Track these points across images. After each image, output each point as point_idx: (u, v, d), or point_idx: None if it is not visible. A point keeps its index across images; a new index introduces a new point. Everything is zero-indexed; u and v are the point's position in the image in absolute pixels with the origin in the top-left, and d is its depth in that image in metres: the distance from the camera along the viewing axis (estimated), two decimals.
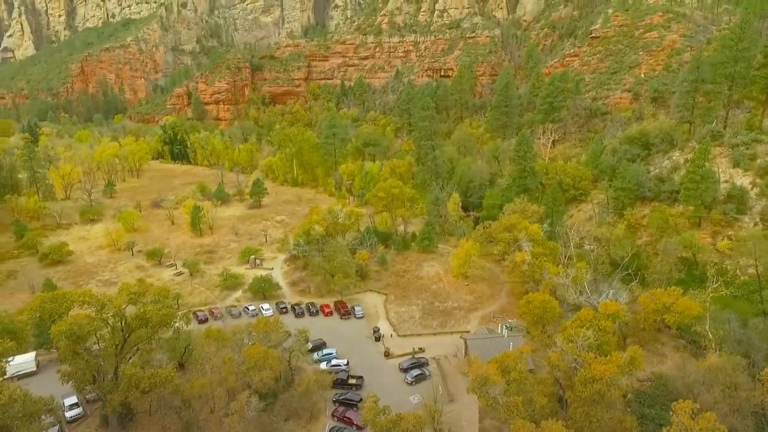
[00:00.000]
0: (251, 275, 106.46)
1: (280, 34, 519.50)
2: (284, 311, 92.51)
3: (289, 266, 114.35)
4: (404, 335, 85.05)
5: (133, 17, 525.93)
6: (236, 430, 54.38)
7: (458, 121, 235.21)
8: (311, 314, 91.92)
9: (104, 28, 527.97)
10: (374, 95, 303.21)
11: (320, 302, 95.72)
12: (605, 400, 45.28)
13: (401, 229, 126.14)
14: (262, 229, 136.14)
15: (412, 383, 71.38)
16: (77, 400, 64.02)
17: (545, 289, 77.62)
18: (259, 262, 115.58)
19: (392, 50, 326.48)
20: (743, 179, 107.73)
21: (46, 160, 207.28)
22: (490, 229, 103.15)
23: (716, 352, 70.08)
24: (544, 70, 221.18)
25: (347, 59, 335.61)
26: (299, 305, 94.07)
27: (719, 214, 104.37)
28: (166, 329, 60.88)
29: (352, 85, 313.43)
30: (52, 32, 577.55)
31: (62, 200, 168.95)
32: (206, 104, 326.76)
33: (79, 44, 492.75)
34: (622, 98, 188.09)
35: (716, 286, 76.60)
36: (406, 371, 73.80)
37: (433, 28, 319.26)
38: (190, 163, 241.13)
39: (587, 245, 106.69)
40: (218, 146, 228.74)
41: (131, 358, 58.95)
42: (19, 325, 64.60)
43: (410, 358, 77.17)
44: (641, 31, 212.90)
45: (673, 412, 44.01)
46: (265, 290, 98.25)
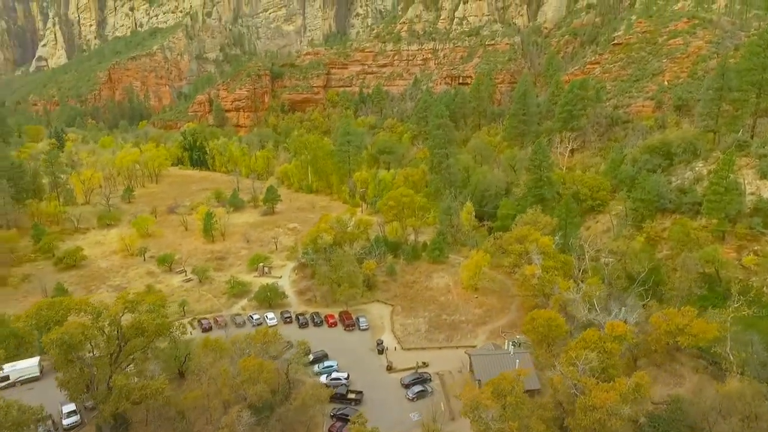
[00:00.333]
0: (259, 283, 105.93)
1: (301, 42, 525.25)
2: (288, 321, 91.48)
3: (297, 275, 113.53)
4: (409, 348, 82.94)
5: (160, 26, 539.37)
6: None
7: (476, 128, 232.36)
8: (315, 324, 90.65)
9: (132, 37, 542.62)
10: (392, 103, 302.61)
11: (325, 312, 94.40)
12: (607, 430, 42.38)
13: (412, 238, 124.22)
14: (273, 236, 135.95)
15: (413, 399, 69.24)
16: (75, 407, 63.87)
17: (555, 304, 74.67)
18: (267, 270, 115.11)
19: (411, 58, 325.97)
20: None
21: (69, 165, 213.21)
22: (500, 240, 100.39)
23: (738, 375, 66.16)
24: (564, 77, 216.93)
25: (366, 67, 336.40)
26: (303, 315, 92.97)
27: (745, 227, 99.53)
28: (162, 339, 60.26)
29: (370, 92, 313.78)
30: (83, 41, 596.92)
31: (82, 205, 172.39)
32: (227, 111, 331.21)
33: (107, 53, 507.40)
34: (644, 106, 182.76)
35: (738, 305, 72.41)
36: (407, 387, 71.68)
37: (452, 35, 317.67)
38: (208, 169, 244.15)
39: (604, 258, 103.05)
40: (236, 153, 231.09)
41: (127, 367, 58.51)
42: (22, 329, 64.88)
43: (413, 373, 75.01)
44: (665, 37, 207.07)
45: None
46: (270, 299, 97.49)
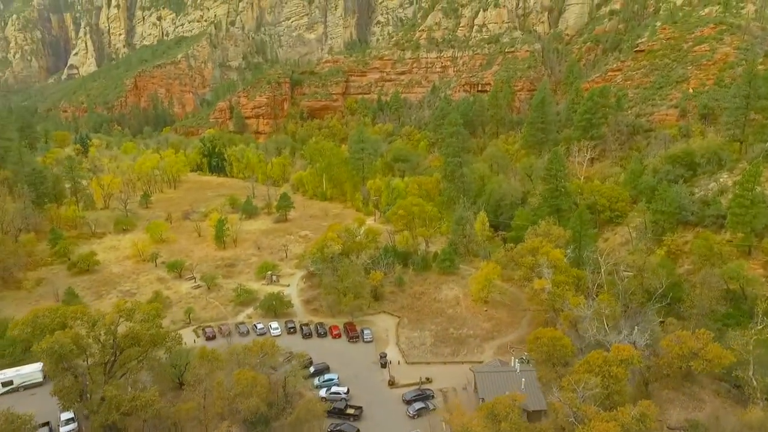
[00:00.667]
0: (267, 291, 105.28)
1: (323, 50, 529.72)
2: (292, 331, 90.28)
3: (305, 283, 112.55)
4: (413, 363, 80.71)
5: (185, 35, 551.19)
6: None
7: (493, 136, 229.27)
8: (319, 335, 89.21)
9: (159, 45, 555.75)
10: (410, 110, 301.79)
11: (330, 323, 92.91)
12: None
13: (422, 248, 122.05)
14: (283, 243, 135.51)
15: (414, 417, 66.96)
16: (74, 415, 63.63)
17: (564, 321, 71.56)
18: (275, 278, 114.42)
19: (430, 65, 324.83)
20: None
21: (92, 170, 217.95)
22: (512, 252, 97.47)
23: (762, 402, 62.05)
24: (584, 85, 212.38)
25: (384, 74, 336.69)
26: (307, 325, 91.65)
27: None
28: (159, 348, 59.61)
29: (388, 99, 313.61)
30: (112, 50, 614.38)
31: (101, 210, 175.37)
32: (247, 118, 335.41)
33: (135, 61, 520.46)
34: (667, 115, 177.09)
35: (762, 326, 68.07)
36: (408, 403, 69.47)
37: (471, 43, 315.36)
38: (226, 175, 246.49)
39: (623, 271, 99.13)
40: (252, 159, 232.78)
41: (122, 377, 57.98)
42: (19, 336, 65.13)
43: (415, 388, 72.74)
44: (690, 44, 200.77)
45: None
46: (276, 308, 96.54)
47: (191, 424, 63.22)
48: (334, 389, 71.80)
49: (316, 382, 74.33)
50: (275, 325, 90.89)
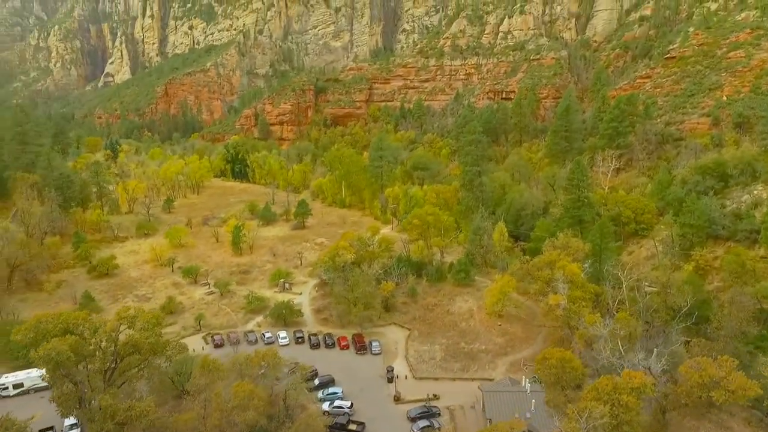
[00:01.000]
0: (279, 299, 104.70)
1: (348, 57, 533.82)
2: (300, 341, 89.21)
3: (317, 292, 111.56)
4: (420, 378, 78.40)
5: (215, 44, 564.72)
6: None
7: (516, 144, 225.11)
8: (327, 346, 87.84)
9: (190, 54, 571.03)
10: (433, 118, 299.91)
11: (338, 334, 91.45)
12: None
13: (437, 258, 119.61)
14: (298, 251, 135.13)
15: None
16: (78, 421, 63.81)
17: (579, 339, 68.15)
18: (288, 285, 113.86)
19: (453, 73, 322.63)
20: None
21: (120, 175, 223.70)
22: (528, 265, 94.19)
23: None
24: (611, 92, 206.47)
25: (408, 81, 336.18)
26: (316, 336, 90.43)
27: None
28: (160, 357, 59.24)
29: (411, 107, 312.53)
30: (146, 58, 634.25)
31: (126, 214, 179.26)
32: (271, 125, 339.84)
33: (166, 69, 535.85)
34: (699, 123, 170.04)
35: None
36: (413, 421, 67.21)
37: (496, 50, 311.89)
38: (248, 181, 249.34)
39: (646, 287, 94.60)
40: (274, 166, 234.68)
41: (122, 385, 57.80)
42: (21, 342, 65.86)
43: (421, 405, 70.40)
44: (725, 50, 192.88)
45: None
46: (285, 317, 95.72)
47: None
48: (337, 403, 70.21)
49: (320, 394, 72.84)
50: (283, 334, 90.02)
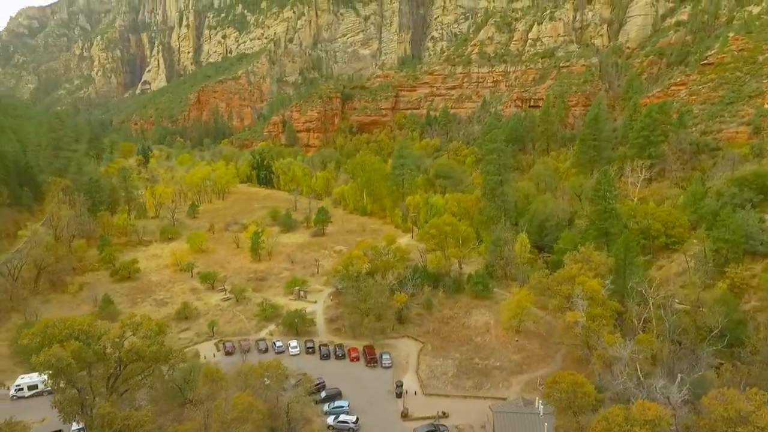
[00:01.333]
0: (293, 307, 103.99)
1: (377, 65, 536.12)
2: (311, 351, 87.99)
3: (332, 301, 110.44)
4: (430, 394, 75.82)
5: (246, 52, 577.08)
6: None
7: (543, 153, 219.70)
8: (337, 357, 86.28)
9: (222, 62, 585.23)
10: (459, 125, 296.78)
11: (350, 345, 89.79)
12: None
13: (455, 269, 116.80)
14: (315, 258, 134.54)
15: None
16: (85, 426, 64.12)
17: (598, 360, 64.40)
18: (303, 294, 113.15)
19: (481, 80, 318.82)
20: None
21: (150, 180, 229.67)
22: (547, 279, 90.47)
23: None
24: (643, 100, 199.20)
25: (434, 89, 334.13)
26: (326, 346, 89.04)
27: None
28: (163, 364, 58.94)
29: (437, 114, 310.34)
30: (181, 67, 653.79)
31: (152, 218, 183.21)
32: (298, 132, 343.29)
33: (200, 77, 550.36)
34: (738, 132, 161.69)
35: None
36: None
37: (524, 57, 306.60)
38: (273, 187, 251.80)
39: (677, 304, 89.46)
40: (298, 173, 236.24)
41: (125, 392, 57.69)
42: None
43: (428, 424, 67.89)
44: (767, 55, 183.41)
45: None
46: (297, 326, 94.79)
47: None
48: (342, 417, 68.45)
49: (325, 408, 71.28)
50: (294, 343, 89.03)
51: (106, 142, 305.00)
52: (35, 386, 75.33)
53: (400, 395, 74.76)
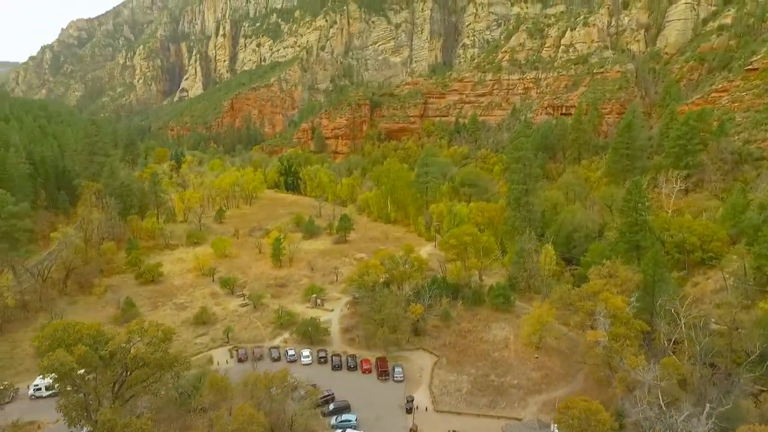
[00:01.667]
0: (310, 314, 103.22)
1: (407, 72, 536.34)
2: (323, 361, 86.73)
3: (349, 310, 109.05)
4: (442, 411, 73.19)
5: (279, 60, 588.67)
6: None
7: (574, 162, 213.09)
8: (349, 368, 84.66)
9: (257, 70, 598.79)
10: (488, 133, 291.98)
11: (363, 356, 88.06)
12: None
13: (476, 280, 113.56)
14: (335, 266, 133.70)
15: None
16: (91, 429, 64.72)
17: (620, 383, 60.44)
18: (320, 301, 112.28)
19: (511, 87, 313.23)
20: None
21: (181, 185, 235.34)
22: (569, 293, 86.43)
23: None
24: (681, 107, 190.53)
25: (464, 96, 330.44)
26: (339, 356, 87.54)
27: None
28: (168, 372, 58.79)
29: (466, 122, 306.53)
30: (217, 75, 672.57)
31: (180, 222, 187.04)
32: (327, 138, 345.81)
33: (234, 84, 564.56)
34: None
35: None
36: None
37: (557, 63, 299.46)
38: (300, 193, 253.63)
39: (713, 323, 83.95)
40: (324, 179, 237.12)
41: (130, 398, 57.77)
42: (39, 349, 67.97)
43: None
44: None
45: None
46: (311, 334, 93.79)
47: None
48: None
49: (332, 421, 69.67)
50: (306, 353, 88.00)
51: (141, 147, 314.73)
52: (53, 386, 76.63)
53: (410, 411, 72.53)
